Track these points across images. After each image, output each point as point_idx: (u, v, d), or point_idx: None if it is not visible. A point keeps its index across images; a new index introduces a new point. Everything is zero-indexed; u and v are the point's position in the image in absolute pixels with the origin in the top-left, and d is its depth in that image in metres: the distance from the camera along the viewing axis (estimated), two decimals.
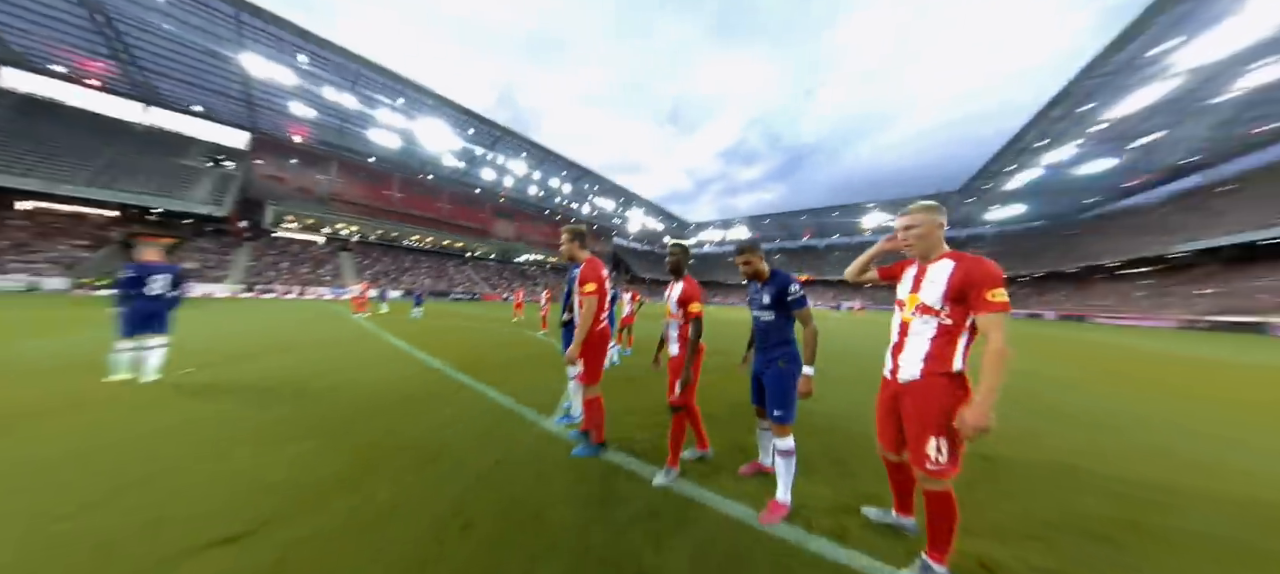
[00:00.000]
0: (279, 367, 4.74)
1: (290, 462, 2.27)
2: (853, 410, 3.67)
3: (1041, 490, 2.27)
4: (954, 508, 1.45)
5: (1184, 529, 1.93)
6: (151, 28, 26.54)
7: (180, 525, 1.64)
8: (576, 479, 2.17)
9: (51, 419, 2.77)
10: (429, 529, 1.68)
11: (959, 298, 1.41)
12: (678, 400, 2.16)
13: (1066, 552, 1.71)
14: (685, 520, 1.83)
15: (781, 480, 1.92)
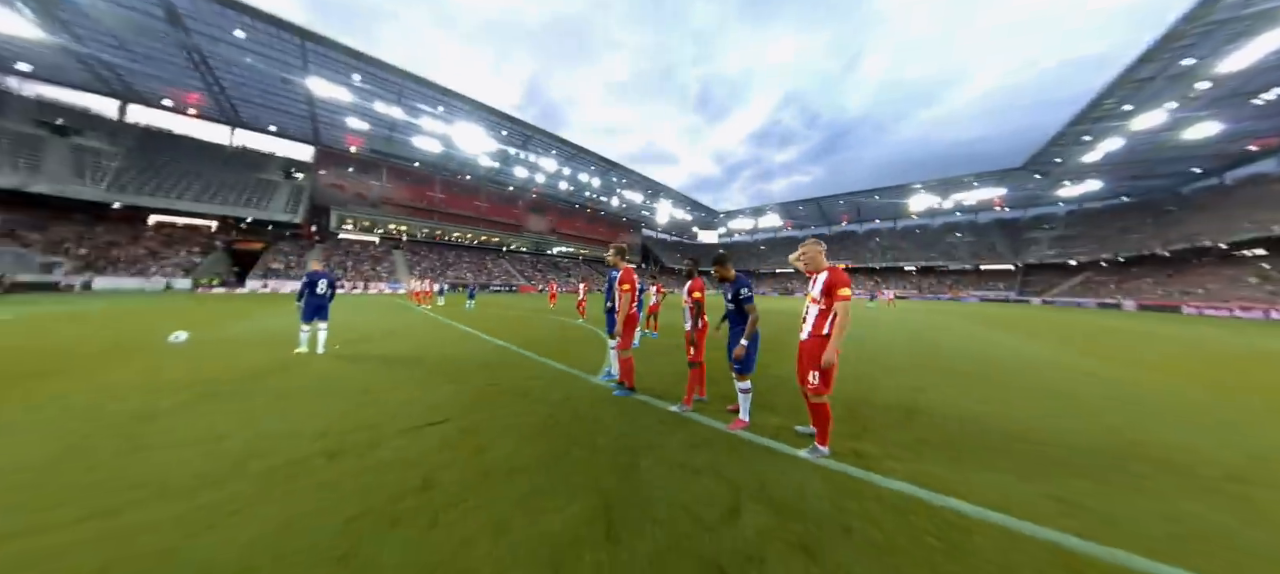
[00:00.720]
0: (394, 345, 6.41)
1: (441, 394, 3.69)
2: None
3: (898, 423, 3.25)
4: (828, 414, 2.52)
5: (997, 448, 2.87)
6: (235, 61, 30.51)
7: (401, 419, 3.05)
8: (617, 407, 3.43)
9: (281, 374, 4.41)
10: (537, 423, 2.99)
11: (827, 293, 2.48)
12: (694, 358, 3.36)
13: (899, 449, 2.74)
14: (684, 426, 3.02)
15: (743, 407, 3.05)
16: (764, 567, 1.56)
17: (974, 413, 3.54)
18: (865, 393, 4.09)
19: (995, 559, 1.64)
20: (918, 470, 2.37)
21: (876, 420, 3.25)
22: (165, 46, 27.98)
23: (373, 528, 1.75)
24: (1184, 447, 2.90)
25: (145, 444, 2.57)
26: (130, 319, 9.28)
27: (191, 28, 26.19)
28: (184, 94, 33.92)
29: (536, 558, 1.59)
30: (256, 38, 28.53)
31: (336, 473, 2.24)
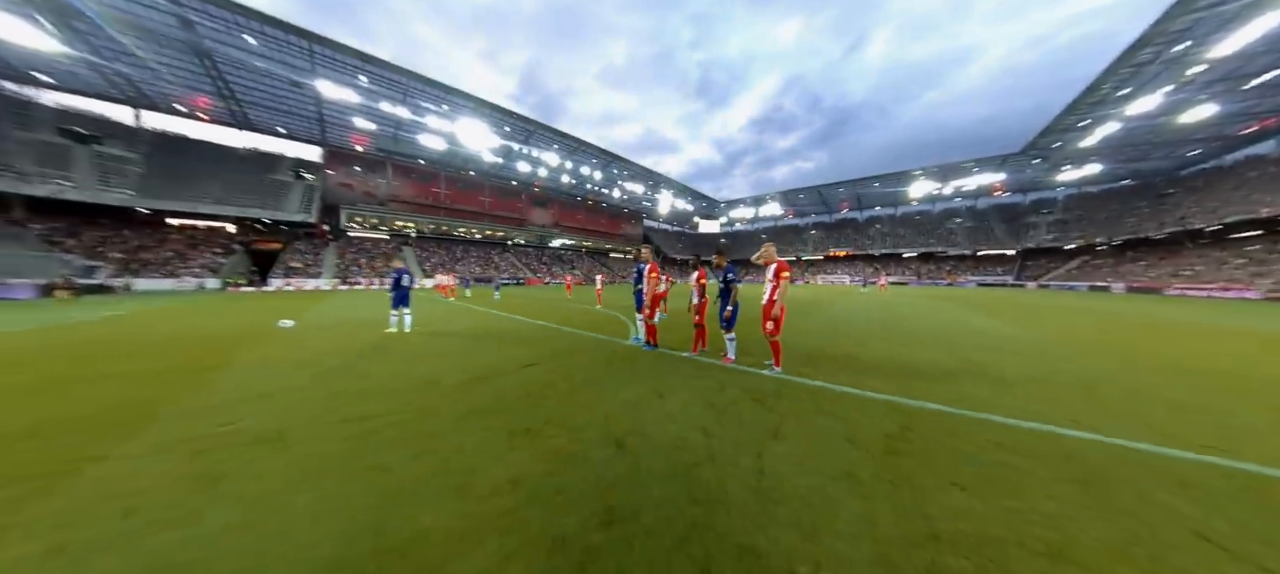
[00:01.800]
0: (459, 326, 7.72)
1: (521, 353, 4.99)
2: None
3: (834, 360, 4.65)
4: (779, 348, 4.03)
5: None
6: (245, 66, 31.26)
7: (508, 364, 4.35)
8: (648, 355, 4.83)
9: (397, 343, 5.70)
10: (598, 361, 4.36)
11: (775, 276, 3.93)
12: (697, 322, 4.86)
13: (827, 372, 4.04)
14: (693, 363, 4.39)
15: (730, 350, 4.50)
16: (738, 408, 3.02)
17: (888, 356, 5.06)
18: (823, 347, 5.63)
19: (854, 408, 3.11)
20: (830, 379, 3.90)
21: (822, 360, 4.82)
22: (178, 53, 28.77)
23: (537, 400, 3.14)
24: (1000, 367, 4.47)
25: (362, 374, 4.00)
26: (217, 313, 10.56)
27: (204, 34, 26.96)
28: (194, 98, 34.75)
29: (624, 408, 2.99)
30: (266, 42, 29.28)
31: (494, 387, 3.63)
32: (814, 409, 3.09)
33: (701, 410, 3.05)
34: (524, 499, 1.89)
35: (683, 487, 2.01)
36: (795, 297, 18.68)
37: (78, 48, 25.69)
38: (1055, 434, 2.71)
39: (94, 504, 1.85)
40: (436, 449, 2.44)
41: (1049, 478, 2.13)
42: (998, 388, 3.70)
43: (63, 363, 4.80)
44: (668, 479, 2.09)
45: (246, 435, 2.62)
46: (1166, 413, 3.14)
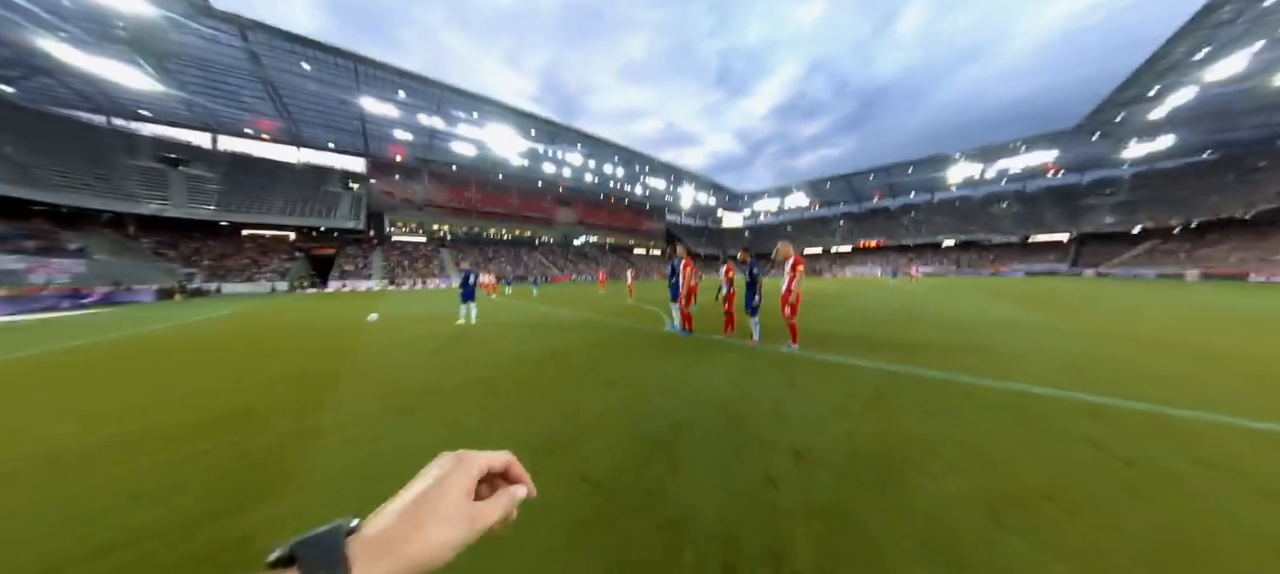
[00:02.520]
0: (515, 319, 8.92)
1: (578, 338, 6.09)
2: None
3: (847, 340, 5.41)
4: (796, 329, 4.89)
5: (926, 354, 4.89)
6: (300, 89, 34.60)
7: (573, 344, 5.44)
8: (685, 340, 5.76)
9: (475, 330, 6.93)
10: (644, 343, 5.38)
11: (791, 269, 4.83)
12: (726, 310, 5.86)
13: (840, 350, 4.87)
14: (724, 344, 5.30)
15: (755, 333, 5.33)
16: (762, 372, 3.89)
17: (897, 337, 5.70)
18: (837, 330, 6.36)
19: (855, 373, 3.89)
20: (839, 353, 4.69)
21: (835, 340, 5.59)
22: (246, 83, 32.31)
23: (603, 368, 4.13)
24: (1000, 346, 5.01)
25: (460, 353, 5.21)
26: (307, 310, 12.50)
27: (268, 65, 30.17)
28: (259, 121, 38.76)
29: (673, 372, 3.96)
30: (319, 66, 32.29)
31: (568, 361, 4.69)
32: (822, 373, 3.91)
33: (733, 374, 3.95)
34: (615, 420, 2.88)
35: (722, 413, 2.94)
36: (816, 289, 18.93)
37: (169, 85, 29.51)
38: (1019, 390, 3.35)
39: (344, 426, 3.01)
40: (543, 396, 3.47)
41: (995, 414, 2.86)
42: (988, 360, 4.31)
43: (236, 344, 6.35)
44: (711, 409, 3.04)
45: (410, 390, 3.75)
46: (1139, 379, 3.66)
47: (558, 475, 2.15)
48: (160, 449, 2.57)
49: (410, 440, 2.66)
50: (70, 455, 2.52)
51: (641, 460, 2.29)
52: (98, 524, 1.82)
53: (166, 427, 2.95)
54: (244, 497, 2.01)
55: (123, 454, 2.52)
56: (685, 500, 1.90)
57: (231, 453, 2.49)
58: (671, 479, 2.07)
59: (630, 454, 2.37)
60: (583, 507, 1.87)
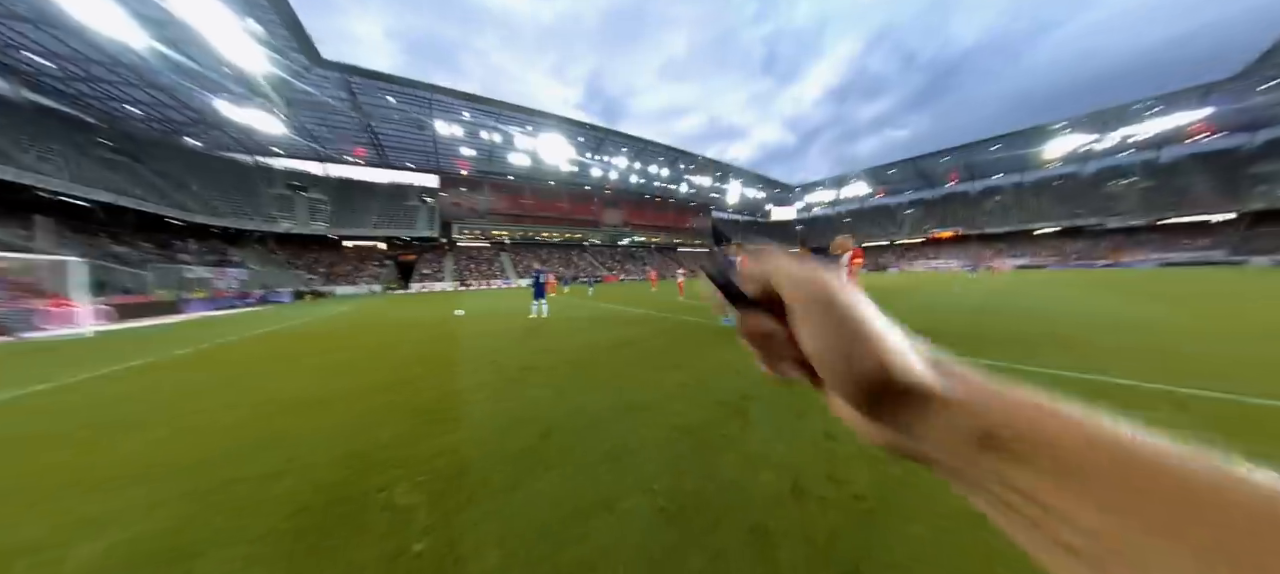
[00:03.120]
0: (580, 314, 10.04)
1: (641, 329, 7.00)
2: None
3: (918, 336, 5.65)
4: None
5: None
6: (386, 119, 40.08)
7: (630, 337, 6.36)
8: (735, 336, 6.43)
9: (550, 322, 8.18)
10: (706, 337, 6.16)
11: (850, 263, 5.19)
12: None
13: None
14: None
15: None
16: None
17: (966, 329, 5.76)
18: (904, 324, 6.77)
19: None
20: None
21: None
22: (346, 118, 38.22)
23: (669, 354, 4.96)
24: (1097, 342, 4.81)
25: (541, 341, 6.30)
26: (405, 307, 15.01)
27: (362, 101, 35.43)
28: (356, 149, 45.51)
29: (735, 358, 4.64)
30: (401, 98, 37.17)
31: (636, 348, 5.51)
32: None
33: None
34: (691, 391, 3.57)
35: (784, 389, 3.42)
36: (879, 285, 18.19)
37: (293, 126, 35.96)
38: (1100, 381, 3.40)
39: (475, 389, 4.15)
40: (623, 373, 4.30)
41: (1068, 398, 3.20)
42: (1071, 354, 4.13)
43: (365, 334, 8.15)
44: (773, 386, 3.54)
45: (513, 367, 4.80)
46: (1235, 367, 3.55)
47: (653, 425, 2.80)
48: (359, 399, 3.79)
49: (531, 398, 3.59)
50: (308, 402, 3.83)
51: (718, 419, 2.88)
52: (351, 439, 2.90)
53: (354, 388, 4.23)
54: (433, 428, 2.99)
55: (338, 402, 3.77)
56: (759, 445, 2.39)
57: (409, 404, 3.59)
58: (745, 432, 2.64)
59: (708, 414, 2.99)
60: (678, 445, 2.46)
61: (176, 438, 3.01)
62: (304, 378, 4.72)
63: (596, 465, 2.23)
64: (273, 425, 3.20)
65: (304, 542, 1.74)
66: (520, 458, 2.41)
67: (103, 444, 2.96)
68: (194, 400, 3.99)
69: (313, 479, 2.27)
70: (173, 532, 1.84)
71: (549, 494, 1.99)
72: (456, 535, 1.70)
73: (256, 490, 2.18)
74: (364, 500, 2.01)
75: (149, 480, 2.37)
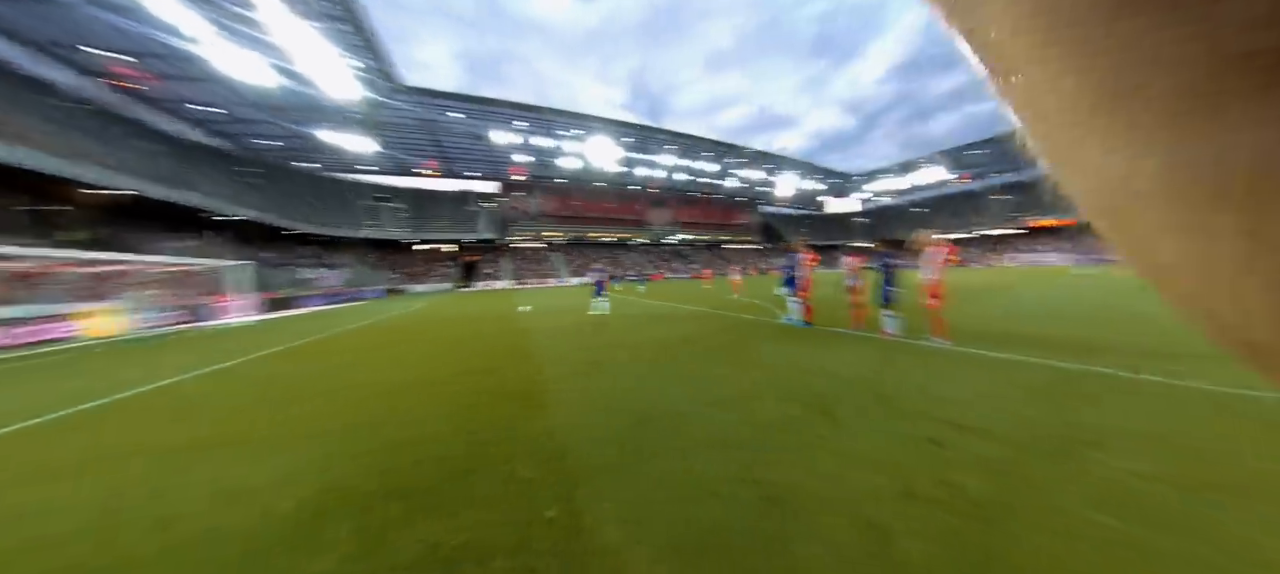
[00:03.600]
0: (635, 311, 10.34)
1: (698, 328, 7.09)
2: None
3: (979, 334, 5.26)
4: (942, 322, 4.82)
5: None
6: (451, 132, 44.09)
7: (692, 334, 6.50)
8: (806, 331, 6.24)
9: (611, 319, 8.53)
10: (763, 335, 6.13)
11: (932, 258, 4.81)
12: (855, 302, 6.08)
13: (1007, 347, 4.86)
14: (852, 338, 5.60)
15: (889, 325, 5.39)
16: (901, 360, 4.17)
17: (1080, 336, 5.09)
18: (994, 325, 5.95)
19: (1013, 368, 3.86)
20: (1004, 349, 4.48)
21: (992, 336, 5.23)
22: (419, 135, 42.65)
23: (737, 351, 5.01)
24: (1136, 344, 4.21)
25: (607, 335, 6.63)
26: (474, 303, 16.59)
27: (432, 119, 39.29)
28: (428, 163, 50.59)
29: (804, 356, 4.59)
30: (465, 113, 40.66)
31: (702, 344, 5.63)
32: (977, 365, 3.81)
33: (870, 361, 4.16)
34: (768, 388, 3.59)
35: (868, 391, 3.33)
36: (965, 282, 16.32)
37: (378, 145, 40.96)
38: (1238, 394, 3.03)
39: (555, 379, 4.52)
40: (694, 369, 4.40)
41: (1195, 409, 2.79)
42: (1207, 361, 3.56)
43: (445, 327, 9.15)
44: (855, 387, 3.46)
45: (584, 361, 5.10)
46: None
47: (739, 421, 2.82)
48: (456, 383, 4.28)
49: (613, 388, 3.78)
50: (416, 384, 4.39)
51: (805, 417, 2.81)
52: (460, 418, 3.28)
53: (450, 373, 4.76)
54: (529, 412, 3.26)
55: (439, 385, 4.29)
56: (854, 445, 2.32)
57: (501, 390, 3.96)
58: (836, 432, 2.55)
59: (793, 411, 2.94)
60: (769, 440, 2.48)
61: (329, 408, 3.65)
62: (408, 363, 5.42)
63: (692, 455, 2.32)
64: (399, 401, 3.73)
65: (455, 500, 1.99)
66: (617, 444, 2.54)
67: (282, 411, 3.70)
68: (332, 378, 4.80)
69: (439, 451, 2.60)
70: (346, 484, 2.23)
71: (653, 478, 2.09)
72: (578, 508, 1.85)
73: (403, 454, 2.54)
74: (491, 470, 2.26)
75: (320, 439, 2.91)
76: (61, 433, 3.39)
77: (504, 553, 1.60)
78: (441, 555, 1.60)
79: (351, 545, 1.69)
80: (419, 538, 1.71)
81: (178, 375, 5.41)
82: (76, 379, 5.67)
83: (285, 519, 1.93)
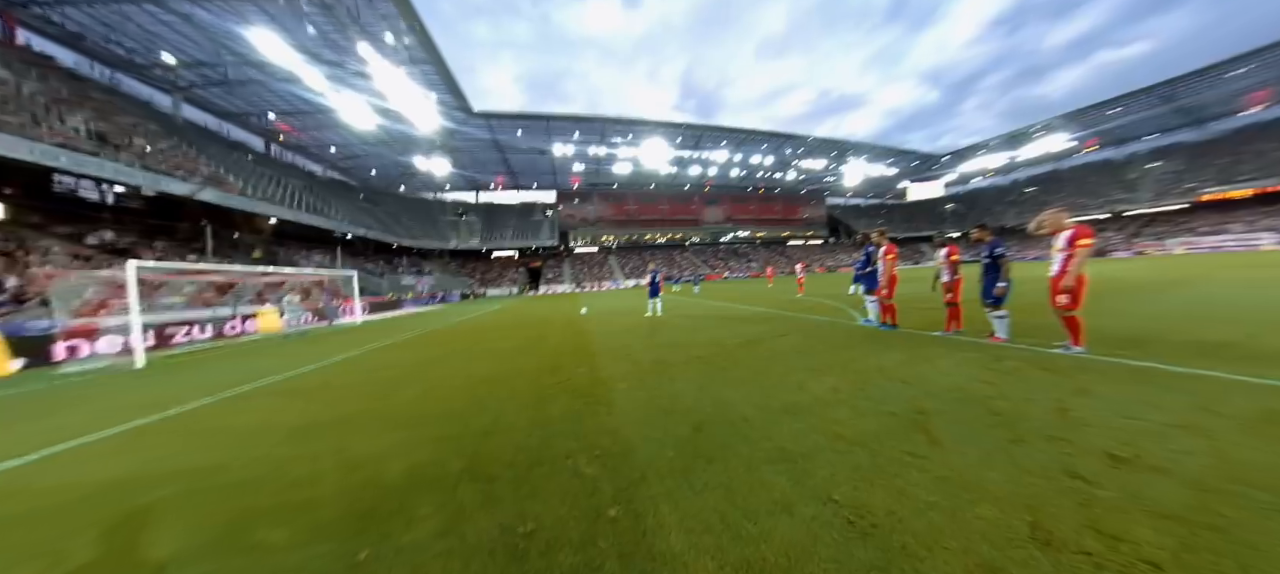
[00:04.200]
0: (695, 312, 10.23)
1: (761, 329, 6.69)
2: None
3: (1196, 349, 4.25)
4: (1079, 324, 3.79)
5: None
6: (516, 148, 48.05)
7: (755, 335, 6.21)
8: (889, 334, 5.51)
9: (662, 325, 8.38)
10: (836, 338, 5.62)
11: (1070, 243, 3.71)
12: (949, 301, 5.15)
13: (1179, 358, 3.89)
14: (950, 342, 4.81)
15: (999, 328, 4.47)
16: (1022, 372, 3.37)
17: (1232, 340, 3.94)
18: (1163, 329, 4.69)
19: (1196, 385, 2.98)
20: (1181, 363, 3.41)
21: (1160, 344, 4.12)
22: (489, 153, 47.22)
23: (807, 356, 4.68)
24: None
25: (665, 337, 6.60)
26: (541, 305, 17.96)
27: (499, 137, 43.24)
28: (497, 177, 55.75)
29: (893, 364, 4.10)
30: (526, 130, 44.08)
31: (765, 347, 5.28)
32: (1138, 380, 2.94)
33: (976, 371, 3.41)
34: (848, 397, 3.22)
35: (978, 407, 2.66)
36: (1111, 274, 12.68)
37: (456, 166, 46.25)
38: None
39: (618, 379, 4.59)
40: (760, 373, 4.12)
41: None
42: None
43: (517, 328, 9.80)
44: (960, 401, 2.78)
45: (646, 361, 5.06)
46: None
47: (812, 431, 2.48)
48: (528, 379, 4.50)
49: (673, 391, 3.65)
50: (494, 378, 4.70)
51: (893, 432, 2.38)
52: (532, 410, 3.40)
53: (522, 370, 5.01)
54: (592, 409, 3.31)
55: (514, 379, 4.55)
56: (961, 470, 1.89)
57: (567, 386, 4.07)
58: (934, 452, 2.11)
59: (878, 425, 2.50)
60: (849, 456, 2.13)
61: (424, 396, 4.07)
62: (486, 360, 5.89)
63: (761, 466, 2.13)
64: (477, 392, 4.04)
65: (524, 488, 2.08)
66: (679, 447, 2.44)
67: (388, 396, 4.21)
68: (426, 370, 5.40)
69: (514, 441, 2.72)
70: (436, 463, 2.45)
71: (718, 486, 1.96)
72: (639, 511, 1.79)
73: (482, 442, 2.73)
74: (557, 464, 2.33)
75: (416, 425, 3.23)
76: (251, 397, 4.32)
77: (569, 547, 1.59)
78: (511, 541, 1.65)
79: (437, 521, 1.83)
80: (494, 521, 1.79)
81: (317, 363, 6.66)
82: (260, 359, 7.66)
83: (389, 489, 2.17)
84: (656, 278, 9.75)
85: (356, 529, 1.82)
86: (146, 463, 2.87)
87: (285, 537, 1.81)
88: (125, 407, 4.55)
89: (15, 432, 3.90)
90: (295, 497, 2.18)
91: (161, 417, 4.01)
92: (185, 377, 6.42)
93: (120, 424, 3.82)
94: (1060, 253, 3.82)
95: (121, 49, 22.31)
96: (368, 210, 38.39)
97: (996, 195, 57.89)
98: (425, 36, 24.09)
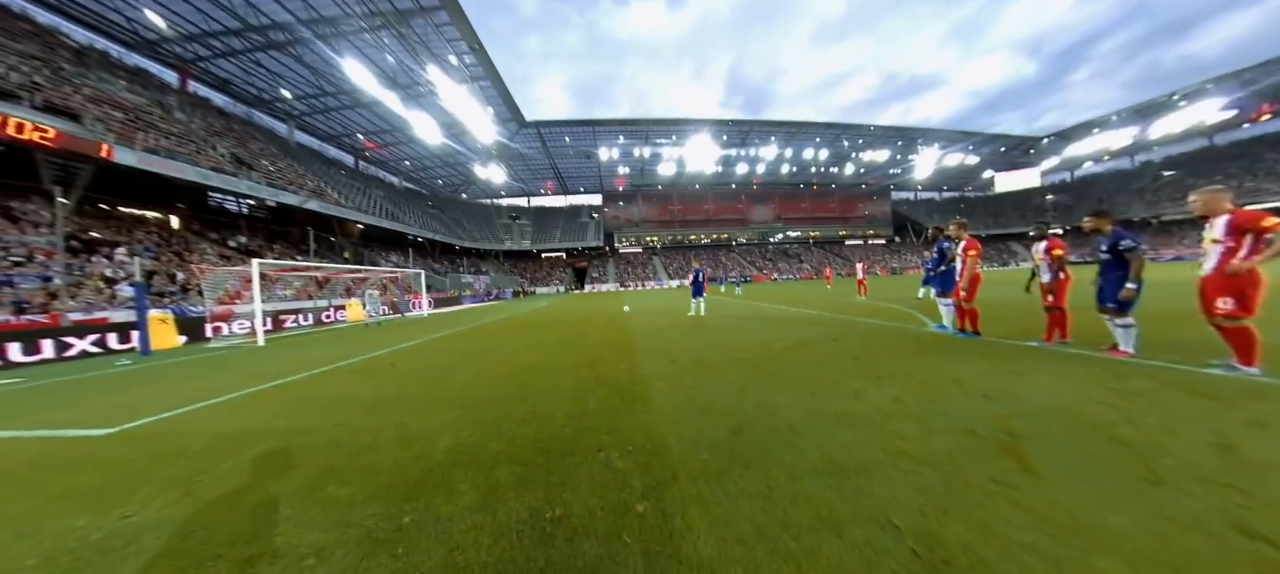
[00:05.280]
0: (736, 313, 9.89)
1: (811, 332, 6.31)
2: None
3: None
4: (1249, 337, 2.80)
5: None
6: (564, 154, 50.21)
7: (802, 338, 5.84)
8: (969, 343, 4.86)
9: (706, 320, 8.37)
10: (903, 345, 5.12)
11: (1235, 232, 2.79)
12: (1050, 305, 4.24)
13: None
14: (1050, 354, 4.17)
15: (1123, 340, 3.59)
16: (1156, 395, 2.68)
17: None
18: None
19: None
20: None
21: None
22: (539, 159, 49.92)
23: (866, 363, 4.34)
24: None
25: (708, 336, 6.43)
26: (586, 303, 18.68)
27: (548, 145, 45.52)
28: (546, 183, 58.77)
29: (973, 377, 3.67)
30: (574, 136, 45.92)
31: (817, 351, 4.92)
32: (1235, 404, 2.38)
33: (1090, 389, 2.81)
34: (915, 410, 2.92)
35: (1095, 433, 2.16)
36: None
37: (509, 173, 49.56)
38: None
39: (657, 377, 4.59)
40: (810, 378, 3.89)
41: None
42: None
43: (561, 324, 10.09)
44: (1068, 424, 2.29)
45: (687, 361, 4.91)
46: None
47: (868, 445, 2.21)
48: (568, 373, 4.57)
49: (712, 391, 3.51)
50: (537, 369, 4.87)
51: (973, 453, 2.07)
52: (569, 402, 3.46)
53: (564, 363, 5.11)
54: (629, 405, 3.28)
55: (555, 372, 4.65)
56: (1068, 507, 1.58)
57: (605, 381, 4.08)
58: (1029, 481, 1.78)
59: (953, 443, 2.18)
60: (915, 477, 1.85)
61: (473, 382, 4.34)
62: (531, 352, 6.13)
63: (805, 477, 1.96)
64: (520, 382, 4.21)
65: (555, 475, 2.12)
66: (714, 449, 2.35)
67: (443, 380, 4.57)
68: (477, 359, 5.76)
69: (551, 429, 2.80)
70: (478, 444, 2.59)
71: (755, 495, 1.84)
72: (668, 511, 1.74)
73: (520, 428, 2.85)
74: (589, 454, 2.34)
75: (463, 407, 3.43)
76: (335, 375, 4.96)
77: (595, 537, 1.58)
78: (539, 524, 1.68)
79: (473, 497, 1.93)
80: (524, 503, 1.84)
81: (388, 348, 7.51)
82: (345, 343, 8.79)
83: (435, 463, 2.35)
84: (700, 276, 9.43)
85: (404, 496, 1.97)
86: (257, 421, 3.47)
87: (348, 494, 2.02)
88: (248, 376, 5.54)
89: (183, 388, 5.05)
90: (360, 462, 2.43)
91: (271, 385, 4.86)
92: (290, 355, 7.60)
93: (243, 389, 4.71)
94: (1216, 244, 2.90)
95: (253, 89, 27.37)
96: (436, 216, 42.51)
97: (1117, 183, 48.56)
98: (484, 54, 26.24)
